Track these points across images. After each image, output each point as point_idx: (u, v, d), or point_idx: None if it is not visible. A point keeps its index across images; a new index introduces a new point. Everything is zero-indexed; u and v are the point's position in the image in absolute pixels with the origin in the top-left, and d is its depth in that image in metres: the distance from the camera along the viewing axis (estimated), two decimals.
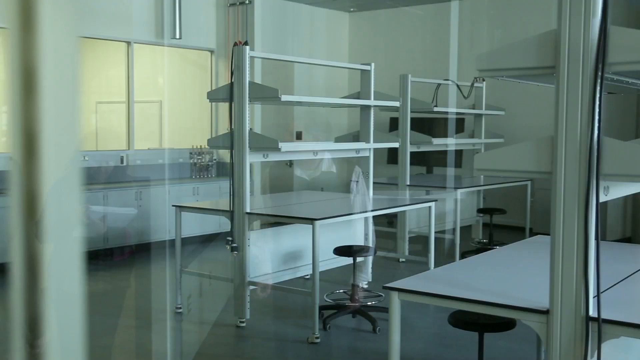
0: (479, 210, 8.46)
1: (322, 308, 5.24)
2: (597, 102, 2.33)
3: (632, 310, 2.58)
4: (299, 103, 7.13)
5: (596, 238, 2.37)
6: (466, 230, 8.46)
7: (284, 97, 5.14)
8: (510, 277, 3.17)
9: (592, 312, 2.36)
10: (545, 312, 2.46)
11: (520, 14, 9.68)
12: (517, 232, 8.38)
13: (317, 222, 4.85)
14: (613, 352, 2.71)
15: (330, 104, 7.58)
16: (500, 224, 8.86)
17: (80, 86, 0.97)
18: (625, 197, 8.58)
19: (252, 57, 5.28)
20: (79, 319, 0.96)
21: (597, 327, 2.33)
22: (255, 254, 5.30)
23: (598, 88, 2.32)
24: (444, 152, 9.27)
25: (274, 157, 5.44)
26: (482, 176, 8.14)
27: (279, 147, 5.11)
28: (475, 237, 8.65)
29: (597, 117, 2.33)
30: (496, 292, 2.80)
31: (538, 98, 7.81)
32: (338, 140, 6.57)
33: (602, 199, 2.41)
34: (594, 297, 2.37)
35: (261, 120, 9.60)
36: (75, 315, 0.96)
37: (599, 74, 2.31)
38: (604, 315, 2.34)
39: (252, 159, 5.24)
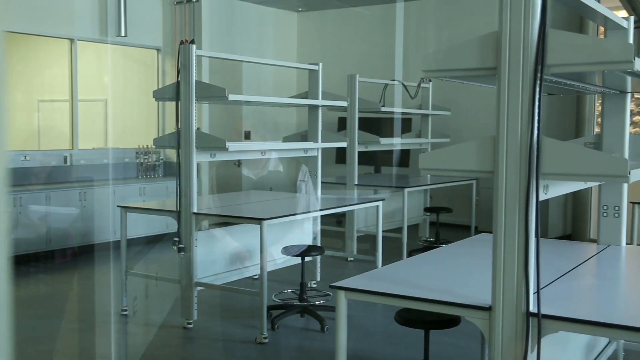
0: (426, 209, 8.58)
1: (270, 308, 5.23)
2: (537, 103, 2.38)
3: (570, 305, 2.65)
4: (247, 102, 7.10)
5: (536, 235, 2.42)
6: (413, 229, 8.57)
7: (232, 97, 5.11)
8: (455, 274, 3.21)
9: (533, 308, 2.41)
10: (488, 309, 2.50)
11: (467, 16, 9.85)
12: (463, 231, 8.54)
13: (265, 222, 4.83)
14: (552, 346, 2.78)
15: (278, 103, 7.56)
16: (447, 222, 9.00)
17: (7, 84, 0.94)
18: (566, 196, 8.83)
19: (199, 56, 5.24)
20: (6, 324, 0.93)
21: (537, 323, 2.39)
22: (203, 255, 5.25)
23: (537, 89, 2.37)
24: (392, 152, 9.36)
25: (221, 156, 5.40)
26: (428, 175, 8.25)
27: (226, 146, 5.08)
28: (422, 235, 8.76)
29: (536, 118, 2.39)
30: (441, 289, 2.84)
31: (483, 98, 7.96)
32: (286, 139, 6.56)
33: (542, 197, 2.46)
34: (534, 293, 2.43)
35: (209, 119, 9.52)
36: (1, 321, 0.93)
37: (538, 75, 2.36)
38: (543, 311, 2.40)
39: (199, 158, 5.19)
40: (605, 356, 3.65)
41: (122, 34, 8.80)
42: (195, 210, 5.13)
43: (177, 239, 5.11)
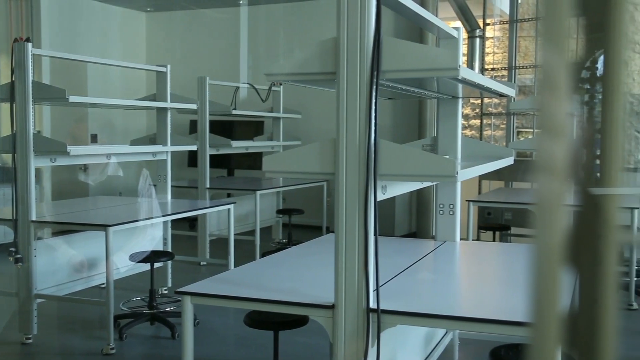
0: (278, 211, 8.66)
1: (118, 317, 5.05)
2: (373, 107, 2.48)
3: (407, 299, 2.78)
4: (93, 104, 6.82)
5: (375, 234, 2.53)
6: (267, 231, 8.62)
7: (72, 98, 4.88)
8: (302, 274, 3.27)
9: (373, 304, 2.51)
10: (331, 307, 2.57)
11: (316, 21, 10.06)
12: (315, 231, 8.69)
13: (111, 229, 4.66)
14: (393, 340, 2.91)
15: (124, 105, 7.32)
16: (299, 223, 9.14)
17: None
18: (411, 195, 9.28)
19: (36, 55, 4.95)
20: None
21: (376, 318, 2.49)
22: (44, 265, 4.97)
23: (374, 94, 2.48)
24: (245, 155, 9.37)
25: (62, 161, 5.13)
26: (281, 178, 8.34)
27: (68, 150, 4.84)
28: (275, 237, 8.84)
29: (373, 121, 2.49)
30: (288, 290, 2.87)
31: (333, 101, 8.17)
32: (134, 143, 6.37)
33: (381, 197, 2.57)
34: (374, 290, 2.53)
35: (51, 122, 9.02)
36: None
37: (374, 80, 2.47)
38: (383, 307, 2.50)
39: (37, 163, 4.90)
40: (443, 346, 3.87)
41: None
42: (33, 218, 4.84)
43: (13, 249, 4.79)
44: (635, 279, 5.90)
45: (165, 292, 6.22)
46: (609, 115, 0.56)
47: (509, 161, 3.82)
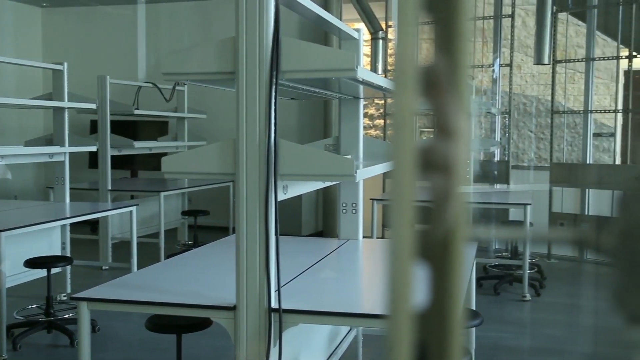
0: (184, 213, 8.53)
1: (11, 327, 4.82)
2: (273, 107, 2.49)
3: (309, 298, 2.81)
4: None
5: (276, 234, 2.53)
6: (172, 233, 8.47)
7: None
8: (205, 276, 3.23)
9: (275, 304, 2.51)
10: (233, 308, 2.56)
11: (221, 20, 9.97)
12: (222, 232, 8.61)
13: (3, 234, 4.44)
14: (295, 339, 2.93)
15: (18, 105, 6.99)
16: (206, 225, 9.02)
17: None
18: (317, 194, 9.36)
19: None
20: None
21: (278, 318, 2.49)
22: None
23: (273, 94, 2.48)
24: (149, 155, 9.17)
25: None
26: (186, 179, 8.21)
27: None
28: (181, 239, 8.70)
29: (273, 121, 2.49)
30: (189, 292, 2.83)
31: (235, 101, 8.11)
32: (28, 144, 6.10)
33: (282, 197, 2.58)
34: (275, 290, 2.53)
35: None
36: None
37: (274, 80, 2.47)
38: (284, 306, 2.51)
39: None
40: (347, 343, 3.93)
41: None
42: None
43: None
44: (528, 272, 6.19)
45: (65, 298, 6.00)
46: (457, 115, 0.59)
47: None
